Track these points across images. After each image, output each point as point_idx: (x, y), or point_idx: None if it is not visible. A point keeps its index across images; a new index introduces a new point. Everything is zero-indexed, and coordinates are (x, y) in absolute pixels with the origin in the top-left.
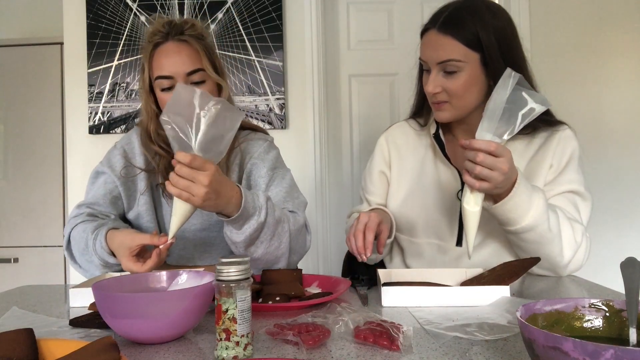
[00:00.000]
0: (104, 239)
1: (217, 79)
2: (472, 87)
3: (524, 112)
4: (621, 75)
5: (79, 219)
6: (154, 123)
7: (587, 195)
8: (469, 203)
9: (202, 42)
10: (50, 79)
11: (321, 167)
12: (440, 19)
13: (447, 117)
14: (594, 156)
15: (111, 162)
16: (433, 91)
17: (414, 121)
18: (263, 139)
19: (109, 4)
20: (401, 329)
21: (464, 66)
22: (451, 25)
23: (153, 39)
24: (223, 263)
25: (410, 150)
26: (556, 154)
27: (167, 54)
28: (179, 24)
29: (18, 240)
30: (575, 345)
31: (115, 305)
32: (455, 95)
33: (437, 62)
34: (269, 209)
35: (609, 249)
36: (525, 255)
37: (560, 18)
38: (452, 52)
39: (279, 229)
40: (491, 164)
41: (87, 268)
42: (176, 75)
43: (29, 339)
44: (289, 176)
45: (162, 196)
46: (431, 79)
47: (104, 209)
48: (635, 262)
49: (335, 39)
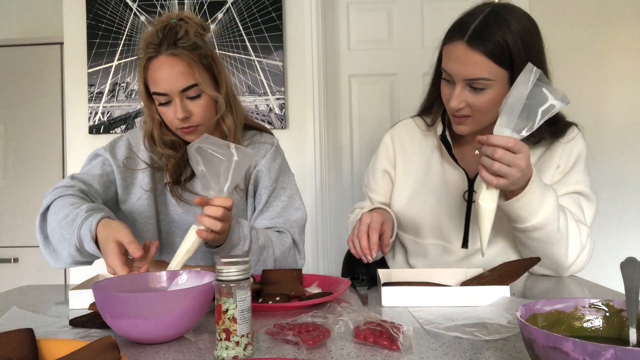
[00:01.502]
0: (96, 223)
1: (212, 95)
2: (497, 104)
3: (544, 108)
4: (621, 75)
5: (69, 191)
6: (158, 130)
7: (593, 196)
8: (484, 200)
9: (196, 52)
10: (50, 79)
11: (321, 167)
12: (468, 30)
13: (467, 131)
14: (594, 156)
15: (114, 150)
16: (457, 107)
17: (421, 119)
18: (270, 142)
19: (109, 4)
20: (401, 329)
21: (492, 84)
22: (482, 41)
23: (147, 51)
24: (223, 263)
25: (416, 150)
26: (563, 155)
27: (160, 70)
28: (172, 32)
29: (18, 240)
30: (575, 345)
31: (115, 305)
32: (479, 112)
33: (464, 79)
34: (252, 237)
35: (609, 248)
36: (529, 254)
37: (560, 18)
38: (483, 71)
39: (263, 254)
40: (509, 160)
41: (56, 244)
42: (170, 93)
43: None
44: (291, 185)
45: (169, 195)
46: (456, 95)
47: (96, 189)
48: (635, 262)
49: (335, 39)
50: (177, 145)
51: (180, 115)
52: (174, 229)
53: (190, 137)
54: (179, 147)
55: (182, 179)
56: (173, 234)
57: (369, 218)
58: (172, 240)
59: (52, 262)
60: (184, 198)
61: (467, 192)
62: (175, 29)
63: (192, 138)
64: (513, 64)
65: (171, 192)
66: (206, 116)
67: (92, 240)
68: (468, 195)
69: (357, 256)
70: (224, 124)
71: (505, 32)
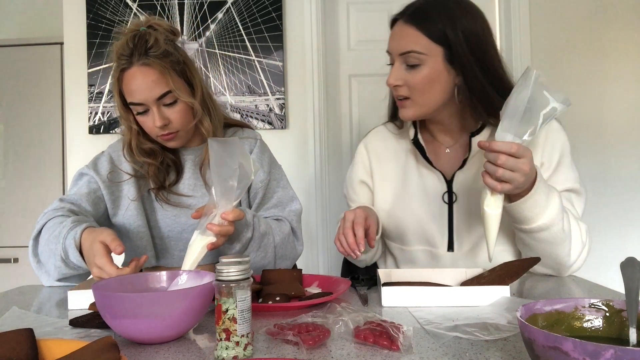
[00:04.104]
0: (80, 232)
1: (187, 101)
2: (434, 82)
3: (546, 111)
4: (621, 75)
5: (59, 212)
6: (135, 139)
7: (582, 190)
8: (489, 206)
9: (167, 59)
10: (50, 79)
11: (321, 167)
12: (408, 11)
13: (411, 115)
14: (594, 156)
15: (97, 166)
16: (394, 83)
17: (392, 124)
18: (253, 137)
19: (109, 4)
20: (401, 329)
21: (426, 59)
22: (417, 17)
23: (119, 62)
24: (223, 263)
25: (390, 156)
26: (546, 151)
27: (134, 80)
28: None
29: (18, 240)
30: (575, 345)
31: (115, 305)
32: (416, 90)
33: (399, 53)
34: (255, 225)
35: (609, 248)
36: (532, 254)
37: (560, 18)
38: (415, 43)
39: (264, 241)
40: (513, 165)
41: (46, 261)
42: (146, 102)
43: (29, 339)
44: (282, 176)
45: (156, 201)
46: (392, 71)
47: (86, 208)
48: (635, 262)
49: (335, 39)
50: (155, 152)
51: (158, 123)
52: (167, 233)
53: (171, 143)
54: (158, 154)
55: (166, 184)
56: (167, 239)
57: (352, 214)
58: (166, 245)
59: (44, 280)
60: (171, 202)
61: (445, 193)
62: (144, 37)
63: (174, 144)
64: (448, 42)
65: (156, 197)
66: (184, 122)
67: (76, 249)
68: (448, 197)
69: (345, 254)
70: (202, 127)
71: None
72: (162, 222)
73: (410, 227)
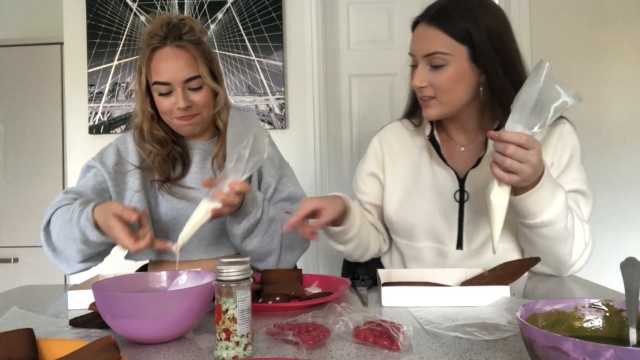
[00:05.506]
0: (91, 211)
1: (213, 87)
2: (459, 82)
3: (557, 105)
4: (621, 75)
5: (65, 202)
6: (148, 123)
7: (589, 193)
8: (495, 196)
9: (200, 47)
10: (50, 79)
11: (321, 167)
12: (431, 12)
13: (435, 114)
14: (595, 155)
15: (103, 158)
16: (419, 85)
17: (408, 121)
18: None
19: (109, 4)
20: (401, 329)
21: (450, 60)
22: (440, 18)
23: (151, 42)
24: (223, 263)
25: (404, 153)
26: (556, 152)
27: (165, 60)
28: (177, 27)
29: (18, 240)
30: (575, 345)
31: (115, 305)
32: (441, 90)
33: (423, 55)
34: (264, 208)
35: (609, 248)
36: (534, 252)
37: (560, 18)
38: (439, 44)
39: (272, 226)
40: (521, 156)
41: (63, 248)
42: (173, 82)
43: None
44: (291, 172)
45: (158, 192)
46: (417, 73)
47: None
48: (635, 262)
49: (335, 39)
50: (164, 141)
51: (182, 104)
52: (170, 226)
53: (186, 128)
54: (166, 144)
55: (171, 177)
56: (170, 232)
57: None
58: (169, 238)
59: (65, 269)
60: (175, 194)
61: (457, 192)
62: (178, 26)
63: (189, 130)
64: (472, 41)
65: (159, 189)
66: (206, 107)
67: (93, 228)
68: (459, 196)
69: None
70: (220, 119)
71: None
72: (165, 215)
73: (419, 223)
